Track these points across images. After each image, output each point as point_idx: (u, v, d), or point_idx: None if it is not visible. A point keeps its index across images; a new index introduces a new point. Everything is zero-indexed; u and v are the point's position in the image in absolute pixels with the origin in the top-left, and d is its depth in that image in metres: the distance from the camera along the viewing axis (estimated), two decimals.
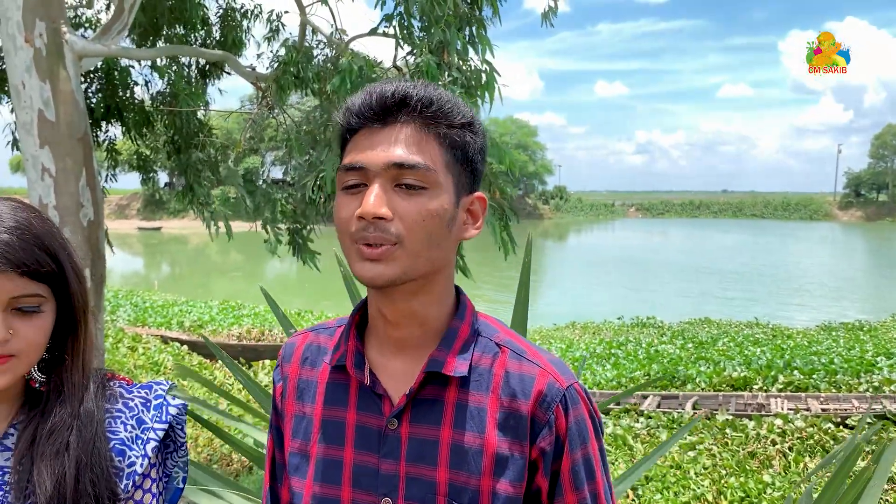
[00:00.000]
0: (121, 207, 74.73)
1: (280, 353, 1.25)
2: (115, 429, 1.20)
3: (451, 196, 1.05)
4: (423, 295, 1.09)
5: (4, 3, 3.75)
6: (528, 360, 1.11)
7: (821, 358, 10.46)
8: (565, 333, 15.39)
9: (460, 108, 1.07)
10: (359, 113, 1.05)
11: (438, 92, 1.06)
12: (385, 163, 1.01)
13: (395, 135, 1.03)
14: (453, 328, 1.12)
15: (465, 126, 1.07)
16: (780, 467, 6.38)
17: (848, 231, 76.67)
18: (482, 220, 1.14)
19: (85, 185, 3.92)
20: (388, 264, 1.02)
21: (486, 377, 1.10)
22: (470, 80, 4.36)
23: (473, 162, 1.09)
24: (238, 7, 6.64)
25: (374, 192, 1.00)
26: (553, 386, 1.09)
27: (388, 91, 1.04)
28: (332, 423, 1.14)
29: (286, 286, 9.78)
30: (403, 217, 1.01)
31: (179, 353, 10.77)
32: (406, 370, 1.11)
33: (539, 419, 1.07)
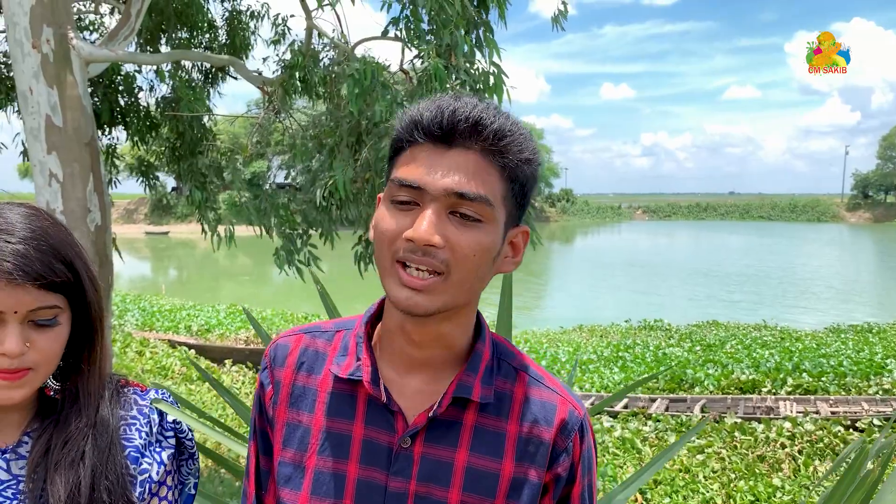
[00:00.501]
0: (128, 212, 74.95)
1: (268, 354, 1.17)
2: (130, 436, 1.19)
3: (500, 230, 1.02)
4: (454, 320, 1.06)
5: (11, 9, 3.76)
6: (547, 388, 1.12)
7: (830, 360, 10.43)
8: (572, 336, 15.36)
9: (528, 141, 1.02)
10: (427, 129, 0.98)
11: (511, 123, 1.00)
12: (446, 189, 0.96)
13: (459, 160, 0.97)
14: (477, 352, 1.10)
15: (529, 160, 1.02)
16: (790, 471, 6.34)
17: (856, 233, 76.35)
18: (522, 253, 1.10)
19: (92, 190, 3.92)
20: (428, 296, 0.98)
21: (507, 402, 1.09)
22: (478, 83, 4.35)
23: (527, 195, 1.05)
24: (245, 10, 6.64)
25: (429, 217, 0.96)
26: (573, 414, 1.11)
27: (462, 114, 0.97)
28: (335, 435, 1.09)
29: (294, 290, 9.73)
30: (454, 248, 0.97)
31: (187, 357, 10.79)
32: (422, 389, 1.09)
33: (559, 446, 1.09)
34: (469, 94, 1.04)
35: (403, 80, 5.20)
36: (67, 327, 1.13)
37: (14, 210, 1.11)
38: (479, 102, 1.00)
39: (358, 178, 4.89)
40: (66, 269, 1.09)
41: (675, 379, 9.76)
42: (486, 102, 1.02)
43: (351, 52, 5.59)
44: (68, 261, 1.10)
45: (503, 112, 1.02)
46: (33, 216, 1.11)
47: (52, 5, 3.82)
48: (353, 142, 5.15)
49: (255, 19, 6.60)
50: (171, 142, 6.71)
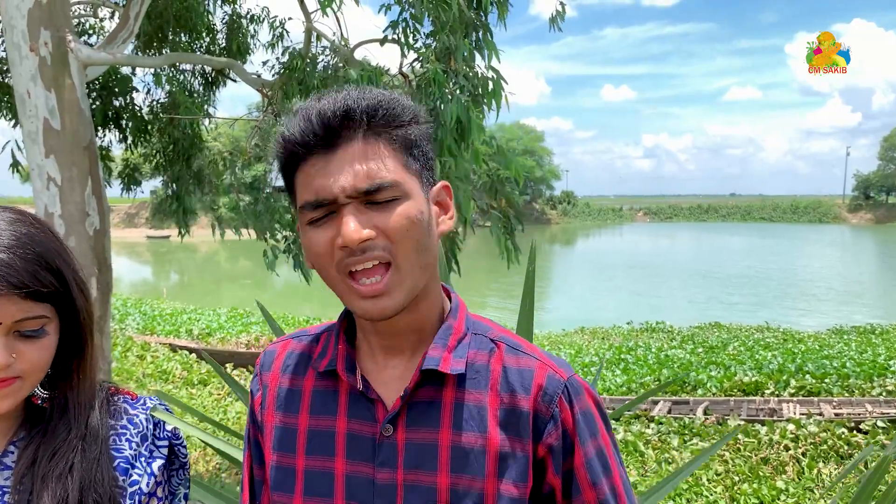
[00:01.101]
0: (129, 216, 75.02)
1: (258, 362, 1.18)
2: (120, 446, 1.15)
3: (421, 196, 1.00)
4: (419, 306, 1.04)
5: (9, 12, 3.74)
6: (526, 354, 1.06)
7: (833, 362, 10.39)
8: (574, 339, 15.33)
9: (403, 104, 1.00)
10: (303, 142, 0.97)
11: (377, 95, 0.99)
12: (346, 190, 0.94)
13: (348, 155, 0.95)
14: (447, 326, 1.07)
15: (412, 121, 1.01)
16: (794, 473, 6.31)
17: (857, 234, 76.29)
18: (453, 208, 1.08)
19: (91, 193, 3.91)
20: (391, 294, 0.97)
21: (484, 374, 1.05)
22: (477, 88, 4.33)
23: (427, 154, 1.03)
24: (244, 14, 6.63)
25: (350, 217, 0.94)
26: (553, 378, 1.04)
27: (328, 110, 0.96)
28: (320, 432, 1.07)
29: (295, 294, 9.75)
30: (388, 232, 0.95)
31: (188, 361, 10.76)
32: (400, 374, 1.06)
33: (542, 414, 1.02)
34: (327, 91, 1.03)
35: (402, 83, 5.19)
36: (55, 336, 1.09)
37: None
38: (340, 92, 0.99)
39: None
40: (52, 278, 1.05)
41: (678, 381, 9.73)
42: (348, 90, 1.00)
43: (350, 55, 5.58)
44: (55, 268, 1.06)
45: (366, 89, 1.00)
46: (18, 221, 1.06)
47: (50, 8, 3.80)
48: None
49: (255, 23, 6.59)
50: (164, 146, 6.71)
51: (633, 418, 7.96)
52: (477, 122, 4.00)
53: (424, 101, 4.26)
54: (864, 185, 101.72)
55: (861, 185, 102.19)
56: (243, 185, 7.38)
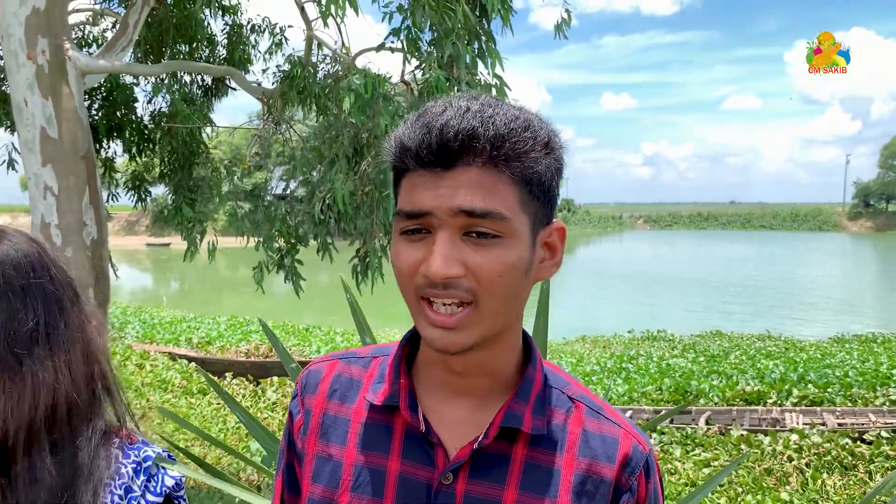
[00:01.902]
0: (130, 224, 75.00)
1: (300, 382, 1.09)
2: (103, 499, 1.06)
3: (527, 238, 0.91)
4: (497, 346, 0.97)
5: (7, 20, 3.72)
6: (608, 420, 1.01)
7: (835, 371, 10.33)
8: (575, 347, 15.28)
9: (536, 132, 0.90)
10: (416, 155, 0.89)
11: (509, 120, 0.88)
12: (452, 209, 0.86)
13: (461, 179, 0.87)
14: (528, 377, 1.00)
15: (542, 152, 0.91)
16: (798, 484, 6.25)
17: (858, 242, 76.30)
18: (561, 253, 0.99)
19: (88, 203, 3.87)
20: (462, 332, 0.89)
21: (561, 435, 0.99)
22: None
23: (550, 190, 0.93)
24: (245, 23, 6.61)
25: (441, 247, 0.87)
26: (637, 449, 1.00)
27: (451, 129, 0.86)
28: (369, 470, 0.99)
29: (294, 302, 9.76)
30: (477, 273, 0.87)
31: (187, 370, 10.71)
32: (465, 419, 0.99)
33: (622, 485, 0.98)
34: (459, 95, 0.94)
35: (405, 90, 5.16)
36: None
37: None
38: (470, 105, 0.89)
39: (358, 191, 4.83)
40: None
41: (680, 390, 9.68)
42: (479, 102, 0.90)
43: (352, 63, 5.55)
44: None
45: (498, 108, 0.90)
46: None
47: (48, 16, 3.78)
48: (353, 154, 5.10)
49: (256, 33, 6.57)
50: (166, 155, 6.69)
51: None
52: None
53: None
54: (864, 194, 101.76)
55: (861, 193, 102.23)
56: (243, 193, 7.36)
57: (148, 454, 1.12)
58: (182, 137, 6.40)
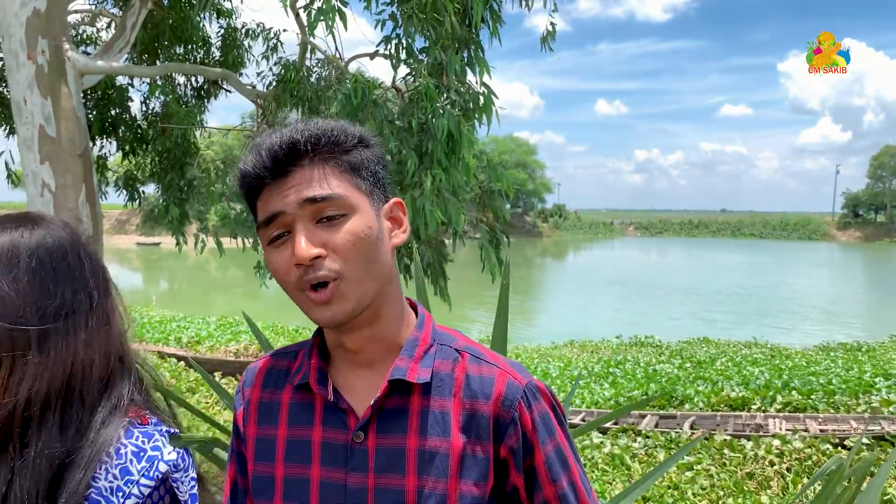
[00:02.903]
0: (120, 223, 74.75)
1: (241, 379, 1.26)
2: (97, 475, 1.10)
3: (370, 212, 1.08)
4: (379, 315, 1.12)
5: (7, 21, 3.78)
6: (487, 363, 1.14)
7: (819, 378, 10.44)
8: (563, 352, 15.35)
9: (347, 131, 1.10)
10: (256, 175, 1.07)
11: (321, 125, 1.08)
12: (298, 202, 1.03)
13: (297, 179, 1.05)
14: (413, 338, 1.14)
15: (358, 146, 1.10)
16: (779, 488, 6.35)
17: (846, 251, 76.70)
18: (406, 222, 1.16)
19: (84, 200, 3.94)
20: (338, 303, 1.05)
21: (448, 382, 1.12)
22: (468, 103, 4.39)
23: (377, 174, 1.12)
24: (240, 27, 6.68)
25: (301, 234, 1.03)
26: (512, 385, 1.11)
27: (276, 144, 1.05)
28: (297, 442, 1.14)
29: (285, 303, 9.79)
30: (336, 249, 1.04)
31: (176, 369, 10.74)
32: (369, 384, 1.13)
33: (503, 418, 1.10)
34: (284, 127, 1.12)
35: (396, 96, 5.24)
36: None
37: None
38: (291, 126, 1.09)
39: None
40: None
41: (666, 395, 9.77)
42: (297, 122, 1.10)
43: (345, 68, 5.63)
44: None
45: (312, 121, 1.09)
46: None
47: (48, 17, 3.84)
48: None
49: (250, 37, 6.64)
50: (159, 154, 6.75)
51: (621, 432, 8.00)
52: (468, 136, 4.07)
53: (417, 114, 4.32)
54: (853, 203, 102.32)
55: (850, 203, 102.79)
56: (235, 194, 7.41)
57: (157, 444, 1.16)
58: (175, 138, 6.47)
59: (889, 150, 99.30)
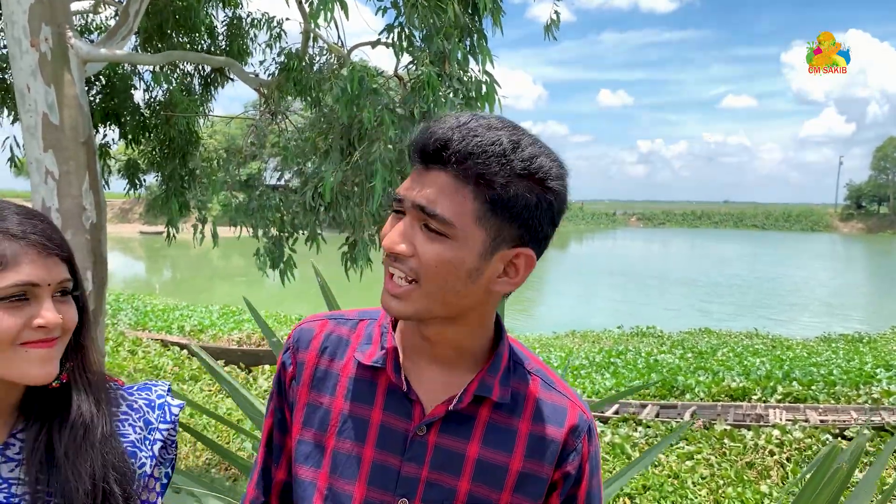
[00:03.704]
0: (123, 211, 74.74)
1: (292, 337, 1.22)
2: (125, 431, 1.20)
3: (478, 249, 1.02)
4: (455, 327, 1.11)
5: (10, 7, 3.79)
6: (558, 392, 1.20)
7: (820, 369, 10.46)
8: (565, 342, 15.39)
9: (511, 161, 0.99)
10: (413, 152, 1.06)
11: (486, 143, 0.99)
12: (412, 202, 1.02)
13: (432, 180, 1.02)
14: (499, 355, 1.16)
15: (519, 178, 1.00)
16: (778, 478, 6.38)
17: (849, 243, 76.59)
18: (523, 277, 1.08)
19: (88, 188, 3.95)
20: (402, 302, 1.05)
21: (520, 402, 1.16)
22: (470, 91, 4.39)
23: (524, 217, 1.03)
24: (244, 16, 6.67)
25: (400, 226, 1.04)
26: (582, 418, 1.18)
27: (433, 136, 1.01)
28: (354, 419, 1.15)
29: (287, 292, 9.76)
30: (420, 257, 1.02)
31: (179, 357, 10.78)
32: (439, 380, 1.15)
33: (569, 446, 1.16)
34: (469, 112, 1.08)
35: (398, 85, 5.24)
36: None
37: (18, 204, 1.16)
38: (468, 122, 1.01)
39: (348, 182, 4.92)
40: (68, 245, 1.14)
41: (667, 385, 9.79)
42: (478, 122, 1.02)
43: (347, 56, 5.63)
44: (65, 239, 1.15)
45: (491, 131, 1.00)
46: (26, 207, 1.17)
47: (51, 4, 3.84)
48: (345, 146, 5.19)
49: (255, 27, 6.63)
50: (161, 143, 6.76)
51: (622, 421, 8.03)
52: None
53: (419, 102, 4.32)
54: (856, 195, 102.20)
55: (853, 194, 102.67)
56: (238, 183, 7.41)
57: (159, 393, 1.29)
58: (179, 127, 6.46)
59: (893, 142, 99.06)
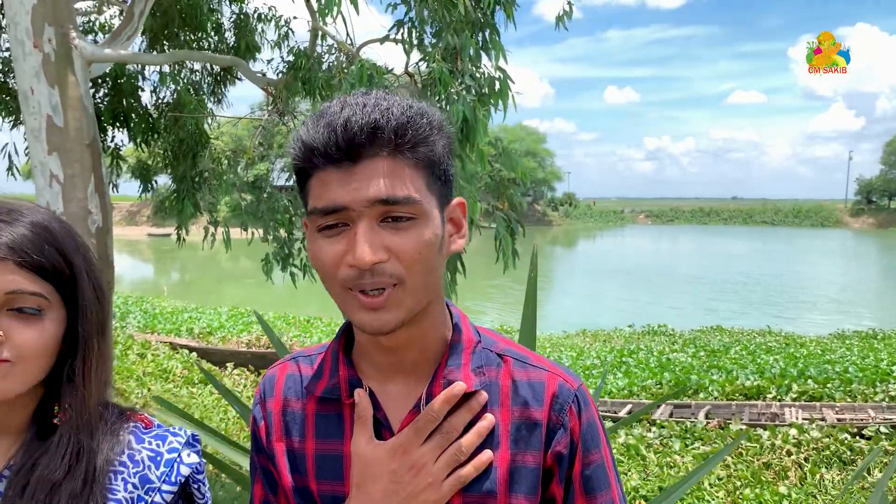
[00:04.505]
0: (131, 214, 75.09)
1: (259, 389, 1.14)
2: (114, 486, 1.03)
3: (437, 216, 0.96)
4: (423, 321, 1.01)
5: (13, 8, 3.72)
6: (534, 366, 1.06)
7: (835, 367, 10.35)
8: (575, 341, 15.30)
9: (431, 120, 0.96)
10: (324, 154, 0.92)
11: (407, 110, 0.94)
12: (369, 200, 0.91)
13: (370, 170, 0.91)
14: (455, 344, 1.05)
15: (437, 136, 0.97)
16: (797, 478, 6.28)
17: (859, 238, 76.20)
18: (465, 226, 1.05)
19: (93, 191, 3.88)
20: (391, 310, 0.94)
21: (493, 390, 1.03)
22: (483, 88, 4.29)
23: (447, 170, 0.99)
24: (251, 13, 6.61)
25: (363, 235, 0.91)
26: (564, 387, 1.04)
27: (355, 124, 0.90)
28: (327, 457, 1.05)
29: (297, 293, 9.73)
30: (400, 255, 0.92)
31: (188, 360, 10.74)
32: (405, 392, 1.04)
33: (553, 422, 1.02)
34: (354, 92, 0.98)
35: (409, 83, 5.17)
36: (57, 326, 1.00)
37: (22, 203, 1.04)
38: (366, 101, 0.94)
39: None
40: (60, 259, 0.99)
41: (680, 384, 9.70)
42: (374, 97, 0.95)
43: (356, 54, 5.56)
44: (65, 252, 1.00)
45: (395, 101, 0.95)
46: (38, 209, 1.04)
47: (54, 4, 3.78)
48: None
49: (262, 22, 6.57)
50: (171, 145, 6.71)
51: (635, 422, 7.94)
52: (483, 122, 3.97)
53: (430, 100, 4.25)
54: (866, 190, 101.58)
55: (863, 189, 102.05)
56: (245, 184, 7.38)
57: (172, 446, 1.11)
58: (187, 127, 6.41)
59: None
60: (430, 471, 0.99)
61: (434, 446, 0.99)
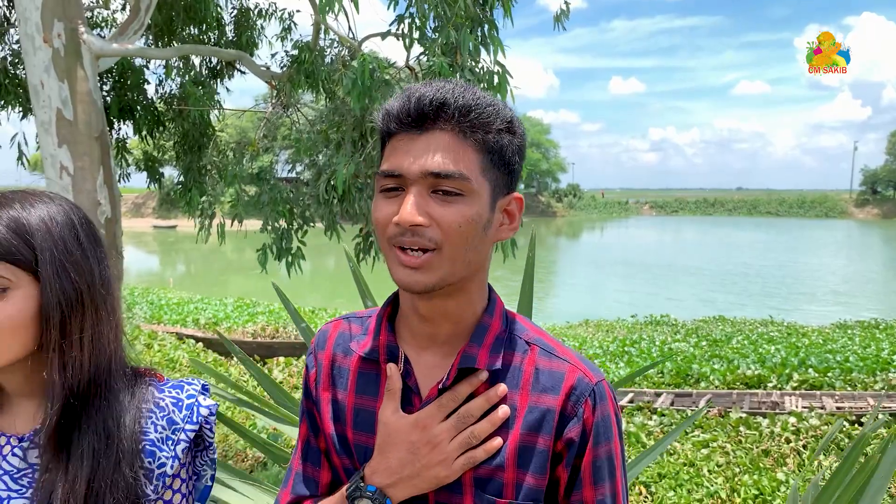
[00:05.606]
0: (136, 206, 75.20)
1: (313, 341, 1.28)
2: (146, 429, 1.17)
3: (487, 200, 1.06)
4: (459, 296, 1.11)
5: (23, 4, 3.80)
6: (558, 357, 1.13)
7: (836, 356, 10.41)
8: (578, 331, 15.36)
9: (499, 111, 1.07)
10: (397, 118, 1.05)
11: (477, 97, 1.05)
12: (421, 171, 1.02)
13: (432, 142, 1.03)
14: (483, 324, 1.14)
15: (504, 129, 1.07)
16: (795, 465, 6.35)
17: (864, 228, 75.97)
18: (518, 220, 1.15)
19: (102, 183, 3.97)
20: (426, 272, 1.04)
21: (517, 374, 1.12)
22: (482, 82, 4.37)
23: (510, 164, 1.09)
24: (253, 7, 6.68)
25: (411, 200, 1.02)
26: (583, 381, 1.11)
27: (427, 97, 1.03)
28: (363, 411, 1.17)
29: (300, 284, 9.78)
30: (441, 223, 1.02)
31: (195, 350, 10.84)
32: (437, 363, 1.14)
33: (568, 412, 1.09)
34: (440, 79, 1.10)
35: (409, 77, 5.23)
36: (26, 302, 1.09)
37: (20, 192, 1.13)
38: (446, 84, 1.06)
39: (360, 174, 4.93)
40: (22, 244, 1.08)
41: (681, 373, 9.77)
42: (454, 82, 1.07)
43: (358, 48, 5.62)
44: (27, 235, 1.08)
45: (469, 88, 1.07)
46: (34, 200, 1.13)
47: (63, 0, 3.86)
48: (357, 137, 5.20)
49: (263, 18, 6.64)
50: (177, 137, 6.79)
51: (636, 410, 8.02)
52: None
53: None
54: (871, 180, 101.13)
55: (868, 179, 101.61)
56: (249, 176, 7.45)
57: (189, 392, 1.25)
58: (192, 120, 6.49)
59: None
60: (445, 448, 1.09)
61: (450, 427, 1.09)
